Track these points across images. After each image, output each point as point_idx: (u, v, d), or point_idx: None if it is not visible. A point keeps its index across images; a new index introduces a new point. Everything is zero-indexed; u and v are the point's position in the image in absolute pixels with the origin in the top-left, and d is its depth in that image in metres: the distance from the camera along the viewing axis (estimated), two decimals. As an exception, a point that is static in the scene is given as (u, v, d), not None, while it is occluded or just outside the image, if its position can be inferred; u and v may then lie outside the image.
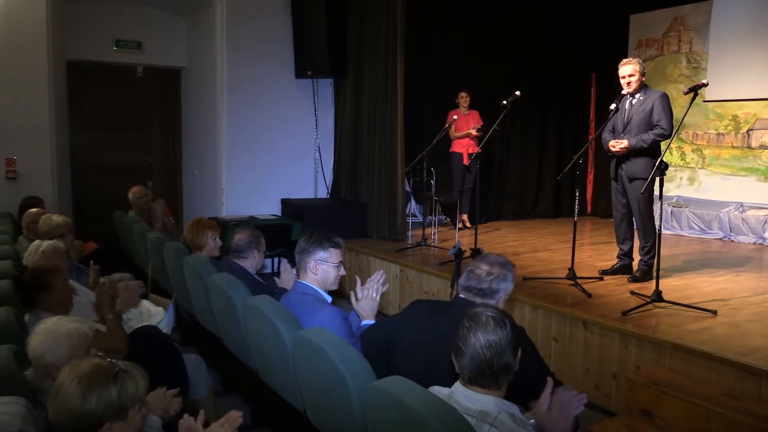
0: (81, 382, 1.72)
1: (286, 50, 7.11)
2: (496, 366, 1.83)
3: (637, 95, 4.67)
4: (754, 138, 6.99)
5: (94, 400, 1.71)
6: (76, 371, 1.75)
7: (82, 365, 1.78)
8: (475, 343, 1.84)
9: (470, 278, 2.47)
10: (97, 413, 1.72)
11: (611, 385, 3.70)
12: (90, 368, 1.76)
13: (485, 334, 1.84)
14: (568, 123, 8.74)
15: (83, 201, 7.63)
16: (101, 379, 1.75)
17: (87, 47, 7.30)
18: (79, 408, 1.70)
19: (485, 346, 1.83)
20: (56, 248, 3.66)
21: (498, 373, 1.84)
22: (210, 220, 4.41)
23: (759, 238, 6.52)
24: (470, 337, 1.86)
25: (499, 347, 1.83)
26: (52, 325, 2.22)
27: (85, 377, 1.73)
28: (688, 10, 7.61)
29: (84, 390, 1.71)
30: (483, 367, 1.83)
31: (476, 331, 1.85)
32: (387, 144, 6.39)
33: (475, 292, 2.45)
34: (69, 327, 2.23)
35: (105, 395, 1.73)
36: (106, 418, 1.73)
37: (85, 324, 2.38)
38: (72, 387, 1.71)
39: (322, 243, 2.89)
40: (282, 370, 2.64)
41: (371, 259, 5.91)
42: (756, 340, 3.46)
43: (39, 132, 6.21)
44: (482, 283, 2.44)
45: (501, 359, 1.83)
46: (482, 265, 2.49)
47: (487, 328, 1.85)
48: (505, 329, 1.85)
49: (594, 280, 4.77)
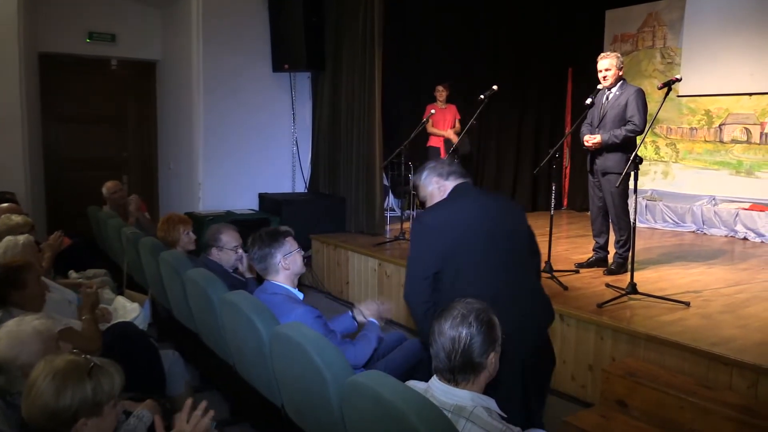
0: (55, 378, 1.70)
1: (263, 43, 7.05)
2: (454, 362, 1.83)
3: (614, 90, 4.71)
4: (726, 132, 7.11)
5: (69, 396, 1.69)
6: (49, 367, 1.73)
7: (56, 361, 1.75)
8: (440, 335, 1.87)
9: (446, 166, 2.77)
10: (71, 409, 1.70)
11: (587, 377, 3.75)
12: (64, 364, 1.74)
13: (450, 329, 1.85)
14: (544, 117, 8.81)
15: (57, 196, 7.51)
16: (76, 374, 1.73)
17: (59, 39, 7.18)
18: (53, 404, 1.68)
19: (448, 339, 1.85)
20: (31, 243, 3.61)
21: (456, 369, 1.84)
22: (181, 215, 4.37)
23: (731, 230, 6.64)
24: (438, 327, 1.88)
25: (460, 344, 1.83)
26: (15, 326, 2.16)
27: (60, 373, 1.71)
28: (662, 6, 7.70)
29: (58, 386, 1.69)
30: (445, 361, 1.85)
31: (444, 324, 1.87)
32: (365, 138, 6.38)
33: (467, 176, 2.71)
34: (35, 323, 2.18)
35: (79, 391, 1.71)
36: (80, 414, 1.71)
37: (48, 319, 2.35)
38: (46, 383, 1.69)
39: (278, 239, 2.89)
40: (259, 366, 2.63)
41: (349, 254, 5.90)
42: (727, 330, 3.52)
43: (10, 126, 6.10)
44: (454, 167, 2.75)
45: (462, 356, 1.83)
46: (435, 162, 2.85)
47: (453, 322, 1.86)
48: (470, 327, 1.84)
49: (570, 272, 4.82)
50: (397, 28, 7.38)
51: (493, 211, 2.62)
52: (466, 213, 2.58)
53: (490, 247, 2.52)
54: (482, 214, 2.58)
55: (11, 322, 2.20)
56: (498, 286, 2.47)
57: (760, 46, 6.71)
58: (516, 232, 2.60)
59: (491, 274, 2.44)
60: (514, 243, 2.59)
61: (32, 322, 2.19)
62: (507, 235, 2.57)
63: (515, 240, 2.59)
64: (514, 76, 8.34)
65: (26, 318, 2.23)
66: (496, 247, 2.53)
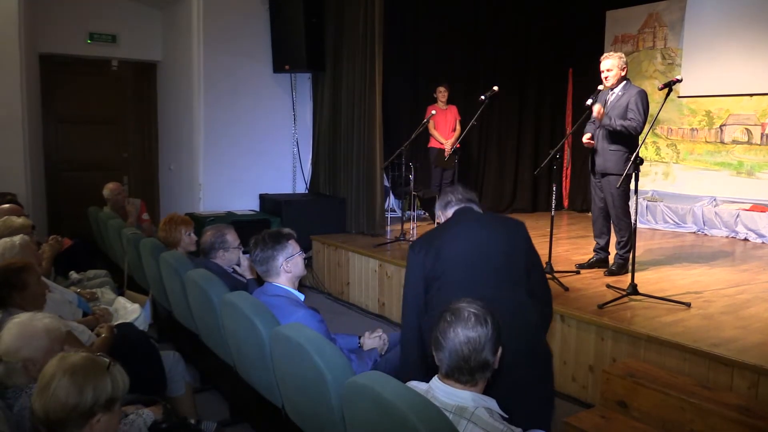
0: (75, 375, 1.73)
1: (264, 44, 7.06)
2: (473, 362, 1.83)
3: (616, 90, 4.70)
4: (726, 133, 7.11)
5: (91, 392, 1.73)
6: (66, 364, 1.75)
7: (71, 358, 1.78)
8: (454, 338, 1.84)
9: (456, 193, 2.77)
10: (91, 404, 1.73)
11: (588, 377, 3.75)
12: (83, 361, 1.78)
13: (465, 330, 1.84)
14: (545, 118, 8.81)
15: (57, 196, 7.51)
16: (97, 371, 1.77)
17: (60, 40, 7.18)
18: (75, 400, 1.71)
19: (464, 342, 1.83)
20: (28, 244, 3.60)
21: (475, 370, 1.84)
22: (182, 216, 4.37)
23: (731, 231, 6.64)
24: (450, 331, 1.86)
25: (478, 344, 1.83)
26: (27, 320, 2.20)
27: (80, 370, 1.74)
28: (663, 7, 7.70)
29: (81, 382, 1.72)
30: (461, 363, 1.83)
31: (456, 327, 1.85)
32: (365, 138, 6.39)
33: (472, 202, 2.73)
34: (46, 321, 2.22)
35: (101, 387, 1.75)
36: (98, 409, 1.74)
37: (58, 320, 2.36)
38: (66, 380, 1.72)
39: (281, 241, 2.88)
40: (260, 366, 2.63)
41: (350, 254, 5.90)
42: (728, 331, 3.52)
43: (11, 127, 6.09)
44: (468, 194, 2.74)
45: (479, 356, 1.83)
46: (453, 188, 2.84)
47: (467, 324, 1.85)
48: (485, 327, 1.85)
49: (571, 273, 4.82)
50: (397, 29, 7.39)
51: (479, 235, 2.59)
52: (449, 236, 2.61)
53: (469, 270, 2.53)
54: (466, 237, 2.60)
55: (24, 316, 2.24)
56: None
57: (760, 46, 6.71)
58: (506, 254, 2.56)
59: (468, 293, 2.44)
60: (501, 264, 2.55)
61: (44, 320, 2.23)
62: (491, 257, 2.55)
63: (503, 261, 2.55)
64: (515, 77, 8.36)
65: (39, 315, 2.27)
66: (475, 269, 2.53)
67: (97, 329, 3.18)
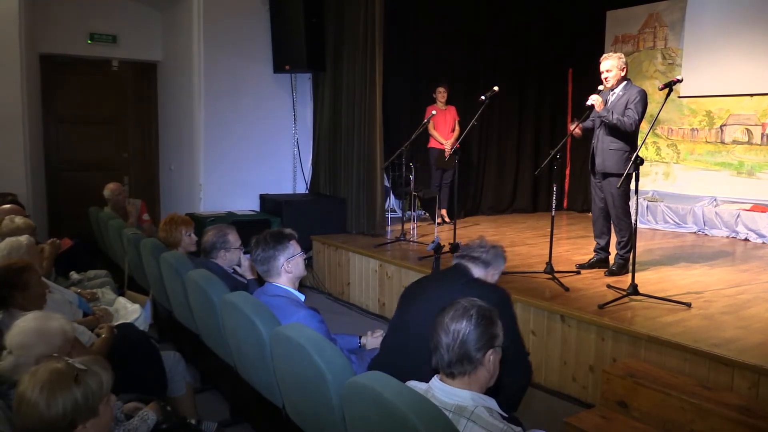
0: (43, 389, 1.69)
1: (264, 44, 7.06)
2: (452, 353, 1.84)
3: (617, 90, 4.70)
4: (727, 133, 7.11)
5: (60, 405, 1.69)
6: (35, 379, 1.72)
7: (39, 372, 1.74)
8: (440, 325, 1.88)
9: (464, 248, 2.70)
10: (66, 418, 1.70)
11: (588, 378, 3.75)
12: (48, 374, 1.73)
13: (451, 321, 1.87)
14: (545, 118, 8.81)
15: (58, 197, 7.51)
16: (62, 383, 1.72)
17: (61, 41, 7.19)
18: (46, 415, 1.68)
19: (448, 331, 1.86)
20: (33, 245, 3.60)
21: (453, 362, 1.85)
22: (183, 216, 4.37)
23: (732, 231, 6.64)
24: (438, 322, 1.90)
25: (457, 335, 1.84)
26: (44, 318, 2.22)
27: (46, 384, 1.70)
28: (663, 7, 7.70)
29: (47, 396, 1.68)
30: (443, 354, 1.86)
31: (445, 317, 1.89)
32: (366, 139, 6.39)
33: (468, 259, 2.63)
34: (62, 321, 2.26)
35: (70, 399, 1.71)
36: (77, 420, 1.72)
37: (69, 323, 2.38)
38: (35, 395, 1.69)
39: (282, 242, 2.87)
40: (260, 367, 2.63)
41: (350, 255, 5.91)
42: (728, 331, 3.52)
43: (11, 127, 6.10)
44: (474, 251, 2.64)
45: (462, 348, 1.83)
46: (476, 241, 2.73)
47: (455, 314, 1.88)
48: (470, 321, 1.86)
49: (571, 273, 4.81)
50: (397, 29, 7.38)
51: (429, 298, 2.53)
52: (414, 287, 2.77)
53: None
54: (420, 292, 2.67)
55: (40, 314, 2.26)
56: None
57: (760, 46, 6.71)
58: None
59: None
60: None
61: (60, 320, 2.26)
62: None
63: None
64: (515, 77, 8.36)
65: (55, 314, 2.29)
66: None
67: (97, 329, 3.18)
